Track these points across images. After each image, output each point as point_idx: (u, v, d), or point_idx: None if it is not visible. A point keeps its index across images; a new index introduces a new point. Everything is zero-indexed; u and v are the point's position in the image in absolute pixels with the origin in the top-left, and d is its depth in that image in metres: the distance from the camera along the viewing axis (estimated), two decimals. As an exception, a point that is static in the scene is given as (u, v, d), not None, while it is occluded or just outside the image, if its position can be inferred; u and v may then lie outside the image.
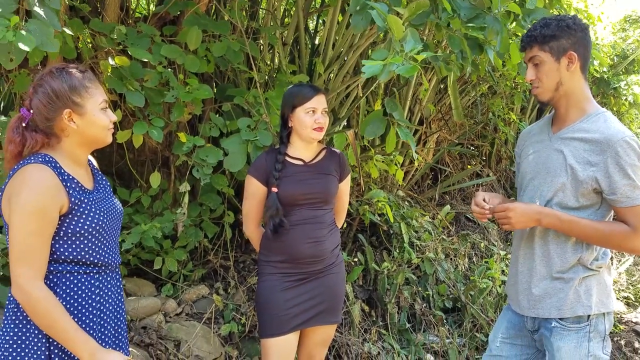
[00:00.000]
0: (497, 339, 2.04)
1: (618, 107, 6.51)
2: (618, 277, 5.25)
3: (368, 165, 3.54)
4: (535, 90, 1.87)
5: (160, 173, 2.84)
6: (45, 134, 1.55)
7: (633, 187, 1.72)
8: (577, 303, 1.82)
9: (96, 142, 1.63)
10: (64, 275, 1.55)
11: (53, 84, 1.53)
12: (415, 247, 3.83)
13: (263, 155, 2.27)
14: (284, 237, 2.18)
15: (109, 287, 1.65)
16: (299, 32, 3.40)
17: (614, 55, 6.22)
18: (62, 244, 1.54)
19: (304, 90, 2.20)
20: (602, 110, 1.84)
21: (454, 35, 2.29)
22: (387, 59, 1.77)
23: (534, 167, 1.92)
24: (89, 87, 1.57)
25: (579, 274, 1.82)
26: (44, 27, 1.69)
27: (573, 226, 1.77)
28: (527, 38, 1.84)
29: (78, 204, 1.54)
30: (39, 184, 1.47)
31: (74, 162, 1.61)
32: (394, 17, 1.81)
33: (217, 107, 3.13)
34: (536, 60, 1.83)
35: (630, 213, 1.74)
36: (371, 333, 3.29)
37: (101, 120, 1.59)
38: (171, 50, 2.56)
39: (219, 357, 2.80)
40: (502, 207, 1.83)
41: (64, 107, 1.53)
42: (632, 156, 1.72)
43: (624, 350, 4.16)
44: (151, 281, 3.05)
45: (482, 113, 5.45)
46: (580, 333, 1.82)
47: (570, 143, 1.82)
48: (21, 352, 1.50)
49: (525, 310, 1.92)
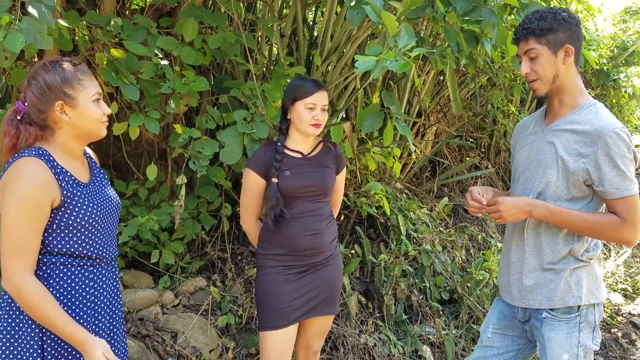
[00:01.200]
0: (488, 330, 2.06)
1: (618, 98, 6.48)
2: (616, 268, 5.26)
3: (365, 157, 3.54)
4: (533, 84, 1.85)
5: (157, 165, 2.85)
6: (39, 126, 1.57)
7: (622, 178, 1.73)
8: (567, 294, 1.83)
9: (89, 134, 1.63)
10: (58, 267, 1.56)
11: (46, 76, 1.54)
12: (413, 239, 3.84)
13: (262, 148, 2.27)
14: (284, 230, 2.19)
15: (103, 280, 1.66)
16: (297, 23, 3.39)
17: (614, 47, 6.20)
18: (55, 236, 1.55)
19: (306, 85, 2.19)
20: (594, 102, 1.85)
21: (450, 29, 2.28)
22: (380, 55, 1.76)
23: (526, 159, 1.93)
24: (82, 79, 1.58)
25: (569, 265, 1.84)
26: (37, 25, 1.69)
27: (563, 217, 1.78)
28: (523, 31, 1.82)
29: (71, 197, 1.55)
30: (31, 177, 1.48)
31: (69, 154, 1.61)
32: (388, 13, 1.81)
33: (214, 99, 3.13)
34: (532, 53, 1.81)
35: (619, 204, 1.75)
36: (368, 324, 3.31)
37: (93, 112, 1.60)
38: (167, 42, 2.55)
39: (216, 349, 2.82)
40: (493, 200, 1.85)
41: (56, 99, 1.55)
42: (622, 147, 1.73)
43: (620, 342, 4.18)
44: (148, 273, 3.07)
45: (481, 105, 5.44)
46: (571, 323, 1.84)
47: (561, 135, 1.83)
48: (14, 342, 1.51)
49: (517, 301, 1.94)
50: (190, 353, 2.68)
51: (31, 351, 1.51)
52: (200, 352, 2.72)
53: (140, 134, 2.73)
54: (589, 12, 5.10)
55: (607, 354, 4.02)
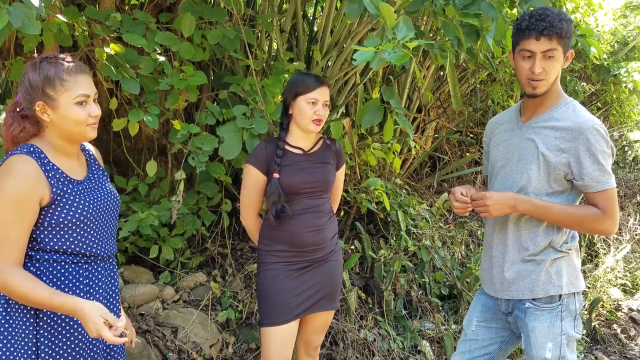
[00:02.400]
0: (472, 323, 2.09)
1: (618, 94, 6.46)
2: (615, 264, 5.26)
3: (365, 153, 3.54)
4: (538, 82, 1.82)
5: (157, 161, 2.85)
6: (33, 122, 1.57)
7: (602, 172, 1.80)
8: (548, 284, 1.89)
9: (71, 136, 1.60)
10: (51, 264, 1.56)
11: (31, 74, 1.54)
12: (412, 235, 3.84)
13: (262, 144, 2.27)
14: (285, 226, 2.20)
15: (99, 277, 1.65)
16: (297, 19, 3.39)
17: (615, 42, 6.18)
18: (46, 234, 1.55)
19: (308, 80, 2.19)
20: (570, 99, 1.91)
21: (449, 22, 2.28)
22: (379, 47, 1.76)
23: (504, 155, 1.98)
24: (66, 80, 1.54)
25: (549, 256, 1.90)
26: (26, 10, 1.68)
27: (546, 211, 1.84)
28: (552, 29, 1.74)
29: (61, 195, 1.55)
30: (18, 174, 1.49)
31: (61, 152, 1.61)
32: (386, 5, 1.81)
33: (214, 95, 3.13)
34: (552, 53, 1.79)
35: (600, 197, 1.82)
36: (367, 320, 3.31)
37: (74, 114, 1.55)
38: (166, 38, 2.55)
39: (216, 344, 2.83)
40: (479, 195, 1.89)
41: (37, 99, 1.54)
42: (602, 143, 1.80)
43: (620, 337, 4.19)
44: (149, 269, 3.08)
45: (481, 100, 5.43)
46: (553, 313, 1.90)
47: (541, 132, 1.88)
48: (7, 335, 1.51)
49: (499, 293, 1.99)
50: (190, 348, 2.69)
51: (26, 348, 1.51)
52: (201, 347, 2.73)
53: (139, 130, 2.73)
54: (590, 7, 5.08)
55: (606, 349, 4.03)
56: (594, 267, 5.23)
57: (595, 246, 5.53)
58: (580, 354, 3.75)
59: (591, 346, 4.04)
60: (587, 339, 4.01)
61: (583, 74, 5.99)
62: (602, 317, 4.41)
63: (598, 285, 4.89)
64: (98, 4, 2.74)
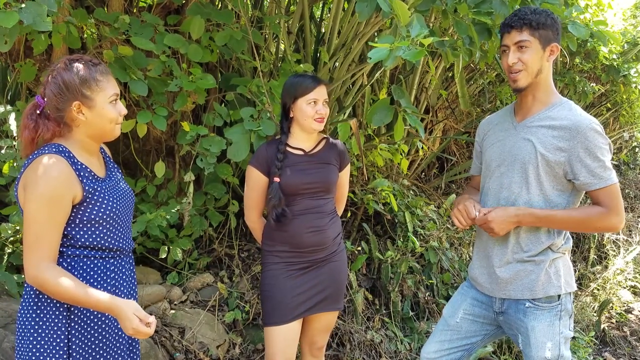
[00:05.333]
0: (457, 315, 2.09)
1: (628, 94, 6.41)
2: (625, 266, 5.22)
3: (373, 154, 3.53)
4: (517, 74, 1.87)
5: (165, 162, 2.86)
6: (57, 122, 1.60)
7: (603, 168, 1.81)
8: (548, 284, 1.90)
9: (103, 134, 1.65)
10: (82, 260, 1.60)
11: (65, 75, 1.56)
12: (420, 236, 3.84)
13: (263, 146, 2.28)
14: (286, 227, 2.20)
15: (122, 271, 1.71)
16: (304, 20, 3.39)
17: (625, 42, 6.13)
18: (77, 230, 1.59)
19: (305, 81, 2.20)
20: (565, 99, 1.92)
21: (461, 21, 2.27)
22: (393, 44, 1.76)
23: (499, 155, 1.98)
24: (100, 80, 1.60)
25: (549, 257, 1.91)
26: (37, 7, 1.69)
27: (550, 219, 1.86)
28: (520, 20, 1.84)
29: (92, 193, 1.59)
30: (53, 174, 1.51)
31: (86, 151, 1.65)
32: (400, 2, 1.80)
33: (221, 96, 3.14)
34: (524, 44, 1.84)
35: (602, 194, 1.82)
36: (374, 321, 3.31)
37: (110, 113, 1.62)
38: (174, 40, 2.56)
39: (223, 344, 2.84)
40: (482, 219, 1.91)
41: (74, 99, 1.57)
42: (600, 140, 1.81)
43: (629, 339, 4.16)
44: (157, 269, 3.09)
45: (489, 101, 5.41)
46: (552, 312, 1.91)
47: (537, 131, 1.88)
48: (39, 329, 1.55)
49: (495, 292, 1.99)
50: (197, 348, 2.70)
51: (58, 342, 1.55)
52: (208, 347, 2.74)
53: (148, 132, 2.75)
54: (600, 8, 5.04)
55: (615, 351, 4.00)
56: (603, 269, 5.19)
57: (605, 248, 5.49)
58: (590, 356, 3.72)
59: (600, 348, 4.01)
60: (596, 341, 3.98)
61: (592, 75, 5.94)
62: (611, 319, 4.38)
63: (607, 287, 4.86)
64: (107, 6, 2.75)
